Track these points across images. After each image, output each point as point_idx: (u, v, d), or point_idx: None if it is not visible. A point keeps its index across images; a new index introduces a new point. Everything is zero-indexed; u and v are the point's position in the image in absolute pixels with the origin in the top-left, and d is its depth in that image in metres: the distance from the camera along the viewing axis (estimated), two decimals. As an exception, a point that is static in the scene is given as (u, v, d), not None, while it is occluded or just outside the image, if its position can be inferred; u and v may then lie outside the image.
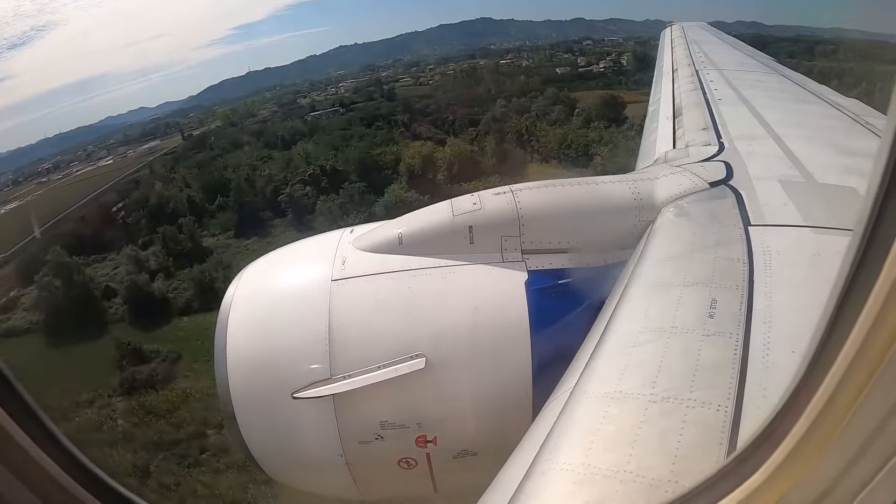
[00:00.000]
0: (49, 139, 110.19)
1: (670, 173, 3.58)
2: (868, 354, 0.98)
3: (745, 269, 2.51)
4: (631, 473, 1.64)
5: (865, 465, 1.10)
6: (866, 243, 0.98)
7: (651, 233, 3.12)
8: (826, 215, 2.90)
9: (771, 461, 1.17)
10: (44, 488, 1.36)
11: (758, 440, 1.26)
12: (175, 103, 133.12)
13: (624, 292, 2.62)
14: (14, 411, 1.33)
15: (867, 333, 0.97)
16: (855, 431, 1.07)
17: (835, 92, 6.64)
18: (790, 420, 1.13)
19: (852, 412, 1.04)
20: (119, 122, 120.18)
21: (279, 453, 3.31)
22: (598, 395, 1.99)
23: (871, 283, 0.96)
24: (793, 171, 3.56)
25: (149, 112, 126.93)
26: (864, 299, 0.96)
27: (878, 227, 0.97)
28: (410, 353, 3.01)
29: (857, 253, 0.99)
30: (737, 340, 2.08)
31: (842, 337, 1.01)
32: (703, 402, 1.83)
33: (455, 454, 3.17)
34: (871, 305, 0.95)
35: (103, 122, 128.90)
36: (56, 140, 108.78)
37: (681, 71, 8.81)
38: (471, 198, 3.43)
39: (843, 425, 1.06)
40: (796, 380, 1.17)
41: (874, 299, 0.95)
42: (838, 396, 1.04)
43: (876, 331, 0.96)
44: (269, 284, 3.51)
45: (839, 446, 1.09)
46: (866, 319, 0.96)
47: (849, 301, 1.01)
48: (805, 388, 1.12)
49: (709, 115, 5.58)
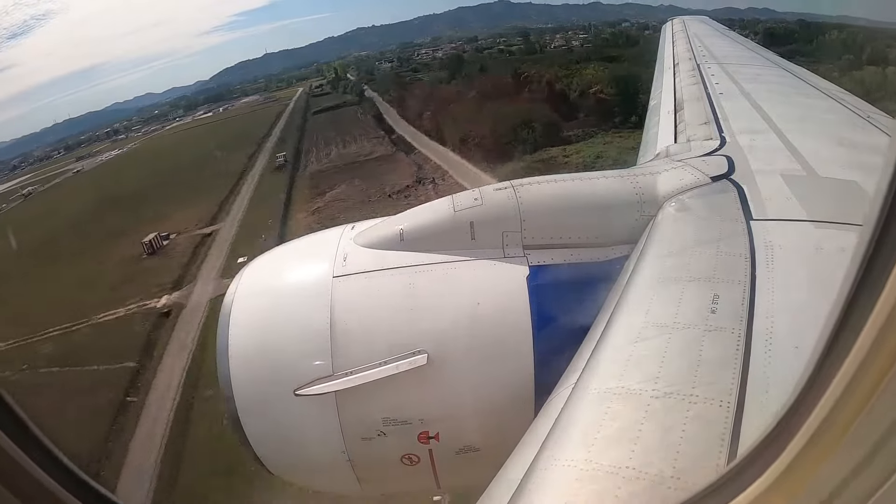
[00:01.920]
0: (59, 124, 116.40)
1: (672, 168, 3.56)
2: (878, 357, 0.97)
3: (747, 263, 2.50)
4: (633, 470, 1.64)
5: (871, 474, 1.08)
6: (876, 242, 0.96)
7: (653, 227, 3.11)
8: (828, 210, 2.89)
9: (775, 467, 1.15)
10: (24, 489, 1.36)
11: (762, 444, 1.25)
12: (180, 89, 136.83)
13: (626, 288, 2.61)
14: None
15: (877, 336, 0.95)
16: (862, 438, 1.05)
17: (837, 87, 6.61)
18: (795, 424, 1.12)
19: (860, 417, 1.02)
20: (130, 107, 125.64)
21: (282, 450, 3.32)
22: (601, 391, 1.99)
23: (881, 284, 0.94)
24: (795, 165, 3.55)
25: (156, 97, 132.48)
26: (874, 301, 0.95)
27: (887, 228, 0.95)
28: (412, 350, 3.01)
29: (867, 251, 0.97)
30: (739, 336, 2.08)
31: (851, 338, 0.99)
32: (705, 397, 1.83)
33: (457, 450, 3.17)
34: (881, 307, 0.94)
35: (110, 107, 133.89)
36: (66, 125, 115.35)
37: (682, 65, 8.78)
38: (472, 193, 3.43)
39: (850, 431, 1.05)
40: (801, 382, 1.15)
41: (884, 301, 0.94)
42: (846, 400, 1.02)
43: (886, 334, 0.95)
44: (270, 281, 3.51)
45: (845, 454, 1.08)
46: (876, 321, 0.95)
47: (858, 302, 1.00)
48: (811, 391, 1.11)
49: (710, 109, 5.56)
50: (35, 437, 1.43)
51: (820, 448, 1.09)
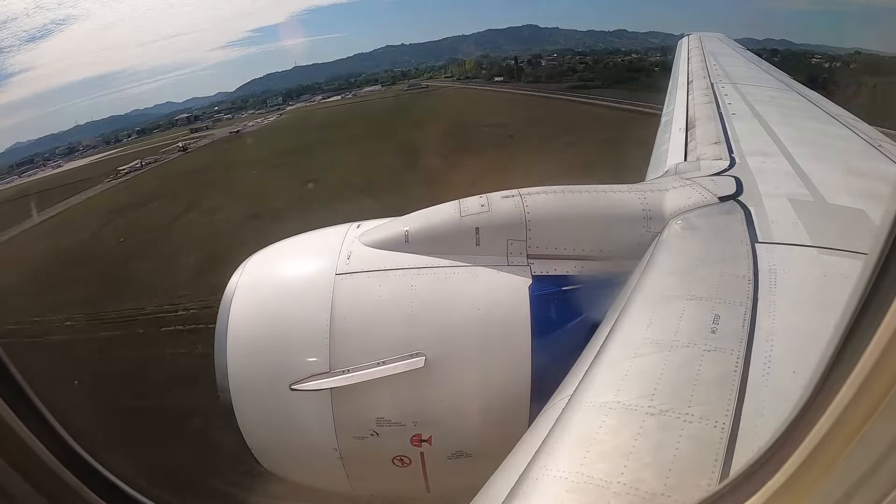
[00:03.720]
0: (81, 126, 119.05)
1: (680, 185, 3.56)
2: (871, 389, 0.97)
3: (749, 286, 2.49)
4: (624, 485, 1.63)
5: (862, 500, 1.07)
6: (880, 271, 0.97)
7: (658, 244, 3.11)
8: (834, 237, 2.89)
9: (765, 489, 1.15)
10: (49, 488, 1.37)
11: (754, 466, 1.25)
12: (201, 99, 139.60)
13: (627, 303, 2.61)
14: (16, 407, 1.34)
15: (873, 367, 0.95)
16: (852, 468, 1.05)
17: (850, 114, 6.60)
18: (789, 448, 1.12)
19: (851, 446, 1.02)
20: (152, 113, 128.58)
21: (274, 444, 3.32)
22: (596, 405, 1.98)
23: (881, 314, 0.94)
24: (803, 189, 3.54)
25: (175, 106, 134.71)
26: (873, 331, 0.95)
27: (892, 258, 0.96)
28: (410, 352, 3.02)
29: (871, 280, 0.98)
30: (738, 357, 2.07)
31: (848, 367, 0.99)
32: (700, 417, 1.82)
33: (449, 455, 3.17)
34: (880, 338, 0.94)
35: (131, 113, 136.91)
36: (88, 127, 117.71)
37: (696, 83, 8.77)
38: (479, 199, 3.43)
39: (840, 460, 1.05)
40: (797, 408, 1.15)
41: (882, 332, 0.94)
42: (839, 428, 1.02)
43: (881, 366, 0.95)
44: (273, 275, 3.52)
45: (835, 481, 1.08)
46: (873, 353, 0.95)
47: (857, 331, 1.00)
48: (806, 416, 1.11)
49: (722, 129, 5.56)
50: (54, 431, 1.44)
51: (811, 474, 1.09)
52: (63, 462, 1.42)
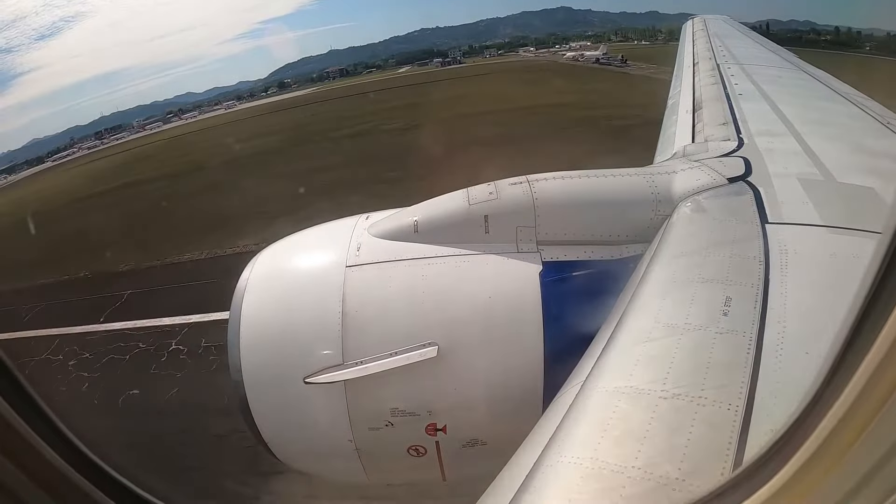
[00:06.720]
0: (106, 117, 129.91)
1: (688, 167, 3.54)
2: (889, 369, 0.96)
3: (760, 267, 2.48)
4: (639, 470, 1.64)
5: (878, 487, 1.07)
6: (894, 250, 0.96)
7: (667, 227, 3.09)
8: (845, 215, 2.86)
9: (781, 475, 1.15)
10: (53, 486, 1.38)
11: (769, 451, 1.25)
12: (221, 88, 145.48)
13: (638, 287, 2.60)
14: (18, 406, 1.35)
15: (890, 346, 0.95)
16: (871, 450, 1.04)
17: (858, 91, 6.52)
18: (804, 432, 1.11)
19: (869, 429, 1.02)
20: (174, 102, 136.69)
21: (290, 438, 3.35)
22: (609, 390, 1.98)
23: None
24: (812, 169, 3.51)
25: (196, 96, 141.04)
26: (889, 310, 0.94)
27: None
28: (423, 342, 3.03)
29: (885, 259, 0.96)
30: (750, 339, 2.06)
31: (864, 347, 0.98)
32: (713, 400, 1.82)
33: (464, 443, 3.19)
34: (893, 322, 0.93)
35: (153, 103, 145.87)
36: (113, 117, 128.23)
37: (702, 64, 8.68)
38: (487, 187, 3.42)
39: (858, 442, 1.04)
40: (812, 390, 1.14)
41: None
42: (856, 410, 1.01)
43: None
44: (283, 269, 3.53)
45: (853, 465, 1.07)
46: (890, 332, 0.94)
47: (872, 311, 0.99)
48: (821, 399, 1.10)
49: (729, 110, 5.50)
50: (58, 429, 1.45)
51: (828, 458, 1.08)
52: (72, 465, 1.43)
